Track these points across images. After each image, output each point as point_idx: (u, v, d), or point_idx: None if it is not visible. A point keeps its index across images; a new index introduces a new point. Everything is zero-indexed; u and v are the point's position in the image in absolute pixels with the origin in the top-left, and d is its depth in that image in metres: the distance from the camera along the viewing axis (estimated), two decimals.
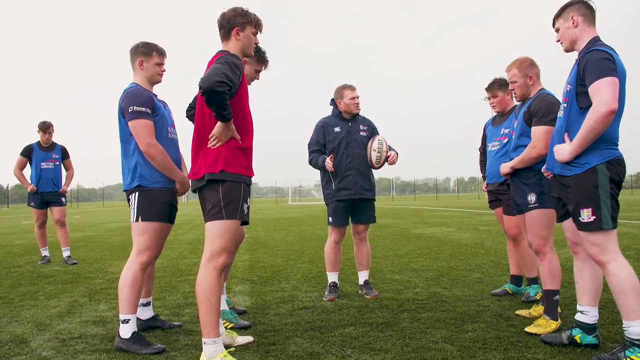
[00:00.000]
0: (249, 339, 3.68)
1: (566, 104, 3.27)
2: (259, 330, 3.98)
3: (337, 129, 5.12)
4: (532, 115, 3.95)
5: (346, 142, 5.08)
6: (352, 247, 5.43)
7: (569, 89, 3.25)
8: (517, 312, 4.28)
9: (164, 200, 3.71)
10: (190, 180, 3.45)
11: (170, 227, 3.83)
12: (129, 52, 3.85)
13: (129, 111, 3.60)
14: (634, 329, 2.99)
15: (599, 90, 2.99)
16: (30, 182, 7.97)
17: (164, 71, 3.91)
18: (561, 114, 3.33)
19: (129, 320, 3.56)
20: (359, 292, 5.23)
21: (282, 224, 16.48)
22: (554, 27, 3.43)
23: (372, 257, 7.54)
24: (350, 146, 5.07)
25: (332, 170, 4.99)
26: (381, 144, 5.02)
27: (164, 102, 3.97)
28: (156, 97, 3.85)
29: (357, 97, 5.15)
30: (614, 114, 2.97)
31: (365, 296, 5.07)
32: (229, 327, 3.95)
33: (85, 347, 3.63)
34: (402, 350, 3.38)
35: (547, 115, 3.82)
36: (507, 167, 4.16)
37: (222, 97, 2.94)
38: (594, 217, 3.09)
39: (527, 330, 3.72)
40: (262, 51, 4.17)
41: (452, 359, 3.21)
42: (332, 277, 5.15)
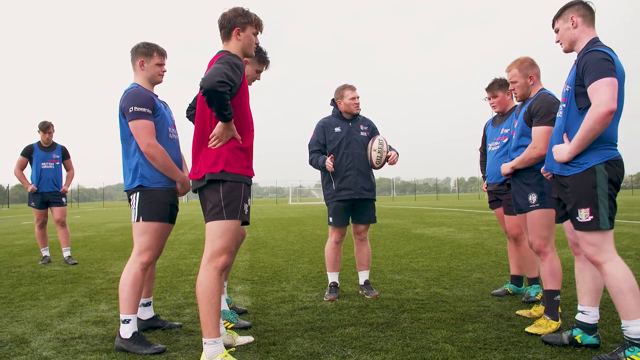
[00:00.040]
0: (249, 339, 3.68)
1: (565, 105, 3.27)
2: (259, 330, 3.98)
3: (337, 129, 5.12)
4: (532, 115, 3.95)
5: (346, 142, 5.08)
6: (353, 247, 5.43)
7: (567, 90, 3.25)
8: (517, 312, 4.27)
9: (164, 200, 3.71)
10: (190, 180, 3.45)
11: (171, 227, 3.83)
12: (130, 53, 3.86)
13: (130, 111, 3.60)
14: (633, 329, 2.99)
15: (598, 90, 2.99)
16: (30, 182, 7.98)
17: (164, 71, 3.91)
18: (560, 115, 3.33)
19: (129, 320, 3.56)
20: (360, 292, 5.23)
21: (282, 224, 16.48)
22: (553, 27, 3.43)
23: (373, 257, 7.54)
24: (350, 146, 5.07)
25: (332, 170, 4.99)
26: (381, 144, 5.02)
27: (164, 102, 3.97)
28: (157, 97, 3.86)
29: (358, 97, 5.15)
30: (612, 114, 2.97)
31: (365, 296, 5.07)
32: (229, 327, 3.95)
33: (85, 347, 3.63)
34: (403, 350, 3.38)
35: (547, 115, 3.82)
36: (507, 167, 4.16)
37: (223, 97, 2.94)
38: (592, 217, 3.09)
39: (527, 330, 3.72)
40: (263, 51, 4.17)
41: (453, 359, 3.20)
42: (333, 277, 5.15)
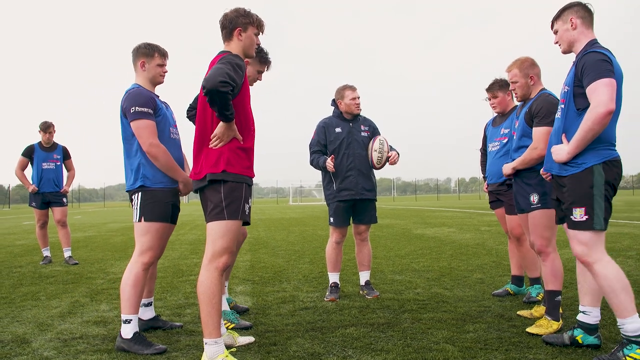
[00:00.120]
0: (250, 340, 3.68)
1: (563, 105, 3.28)
2: (260, 330, 3.98)
3: (338, 130, 5.12)
4: (533, 116, 3.95)
5: (347, 142, 5.08)
6: (353, 247, 5.43)
7: (566, 90, 3.27)
8: (518, 312, 4.27)
9: (166, 200, 3.71)
10: (191, 180, 3.45)
11: (172, 228, 3.84)
12: (131, 53, 3.86)
13: (131, 112, 3.60)
14: (629, 326, 3.01)
15: (597, 91, 3.00)
16: (31, 182, 7.99)
17: (165, 72, 3.91)
18: (559, 115, 3.34)
19: (130, 320, 3.57)
20: (360, 292, 5.23)
21: (283, 224, 16.48)
22: (552, 29, 3.44)
23: (373, 257, 7.53)
24: (351, 146, 5.07)
25: (333, 170, 5.00)
26: (382, 145, 5.02)
27: (165, 102, 3.98)
28: (158, 97, 3.86)
29: (358, 98, 5.15)
30: (611, 114, 2.99)
31: (366, 296, 5.06)
32: (230, 327, 3.95)
33: (86, 347, 3.63)
34: (404, 350, 3.38)
35: (548, 116, 3.82)
36: (508, 167, 4.16)
37: (225, 97, 2.94)
38: (587, 216, 3.11)
39: (528, 330, 3.72)
40: (264, 52, 4.17)
41: (454, 359, 3.20)
42: (333, 277, 5.15)
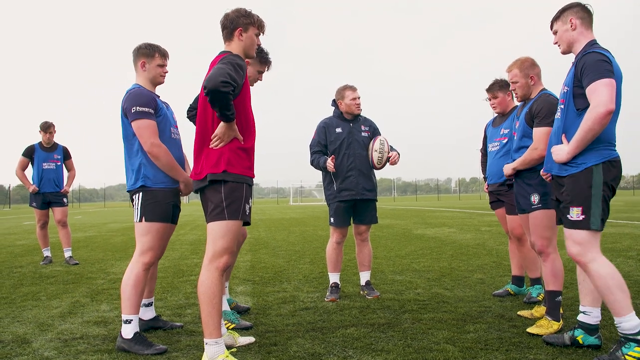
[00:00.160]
0: (250, 340, 3.68)
1: (563, 106, 3.29)
2: (260, 330, 3.98)
3: (338, 130, 5.12)
4: (533, 116, 3.95)
5: (347, 142, 5.08)
6: (354, 247, 5.43)
7: (566, 91, 3.27)
8: (519, 312, 4.27)
9: (167, 200, 3.71)
10: (192, 180, 3.45)
11: (173, 228, 3.84)
12: (132, 54, 3.86)
13: (132, 112, 3.60)
14: (626, 324, 3.02)
15: (597, 91, 3.01)
16: (32, 182, 7.99)
17: (166, 72, 3.92)
18: (558, 116, 3.35)
19: (131, 320, 3.57)
20: (361, 292, 5.23)
21: (283, 225, 16.48)
22: (551, 29, 3.44)
23: (374, 257, 7.53)
24: (351, 147, 5.07)
25: (333, 171, 5.00)
26: (382, 145, 5.02)
27: (166, 103, 3.98)
28: (159, 97, 3.86)
29: (358, 98, 5.15)
30: (611, 114, 3.00)
31: (366, 297, 5.06)
32: (230, 327, 3.96)
33: (87, 347, 3.63)
34: (404, 351, 3.38)
35: (548, 116, 3.82)
36: (509, 168, 4.16)
37: (227, 97, 2.94)
38: (584, 216, 3.11)
39: (529, 331, 3.71)
40: (264, 52, 4.17)
41: (454, 359, 3.21)
42: (334, 277, 5.15)
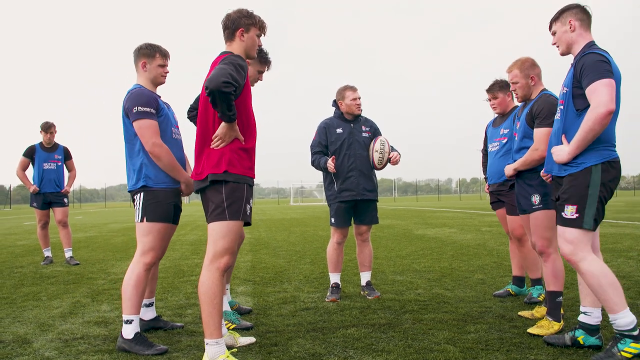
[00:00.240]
0: (251, 340, 3.68)
1: (563, 107, 3.29)
2: (261, 331, 3.98)
3: (339, 130, 5.12)
4: (534, 117, 3.95)
5: (348, 143, 5.08)
6: (355, 248, 5.43)
7: (565, 92, 3.28)
8: (519, 313, 4.27)
9: (168, 201, 3.72)
10: (193, 180, 3.45)
11: (174, 228, 3.84)
12: (133, 54, 3.86)
13: (134, 112, 3.60)
14: (621, 321, 3.03)
15: (597, 91, 3.01)
16: (32, 182, 8.00)
17: (167, 72, 3.92)
18: (558, 117, 3.35)
19: (132, 320, 3.57)
20: (361, 293, 5.23)
21: (284, 225, 16.48)
22: (550, 30, 3.45)
23: (375, 258, 7.54)
24: (352, 147, 5.07)
25: (334, 171, 5.00)
26: (383, 145, 5.02)
27: (167, 103, 3.98)
28: (160, 98, 3.86)
29: (359, 98, 5.15)
30: (612, 114, 3.01)
31: (367, 297, 5.06)
32: (231, 328, 3.96)
33: (87, 347, 3.64)
34: (405, 351, 3.38)
35: (549, 117, 3.82)
36: (510, 169, 4.16)
37: (228, 98, 2.94)
38: (577, 214, 3.13)
39: (529, 331, 3.71)
40: (264, 52, 4.18)
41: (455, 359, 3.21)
42: (335, 278, 5.15)
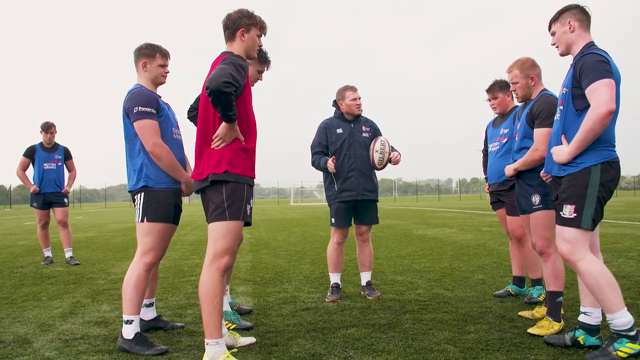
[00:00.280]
0: (251, 340, 3.68)
1: (562, 107, 3.29)
2: (261, 331, 3.98)
3: (339, 131, 5.12)
4: (534, 117, 3.95)
5: (348, 143, 5.08)
6: (355, 248, 5.43)
7: (564, 92, 3.28)
8: (519, 313, 4.27)
9: (169, 201, 3.71)
10: (193, 180, 3.45)
11: (174, 228, 3.84)
12: (133, 54, 3.86)
13: (134, 112, 3.60)
14: (618, 321, 3.04)
15: (597, 91, 3.01)
16: (32, 182, 8.00)
17: (167, 72, 3.92)
18: (557, 117, 3.35)
19: (132, 321, 3.57)
20: (362, 293, 5.23)
21: (284, 225, 16.48)
22: (549, 30, 3.45)
23: (375, 258, 7.54)
24: (352, 147, 5.07)
25: (334, 171, 5.00)
26: (383, 145, 5.02)
27: (167, 103, 3.98)
28: (160, 98, 3.86)
29: (359, 98, 5.15)
30: (612, 114, 3.02)
31: (367, 297, 5.06)
32: (231, 328, 3.96)
33: (87, 347, 3.64)
34: (405, 351, 3.38)
35: (549, 117, 3.82)
36: (510, 169, 4.16)
37: (229, 98, 2.95)
38: (575, 214, 3.14)
39: (529, 331, 3.71)
40: (264, 52, 4.18)
41: None
42: (335, 278, 5.15)
